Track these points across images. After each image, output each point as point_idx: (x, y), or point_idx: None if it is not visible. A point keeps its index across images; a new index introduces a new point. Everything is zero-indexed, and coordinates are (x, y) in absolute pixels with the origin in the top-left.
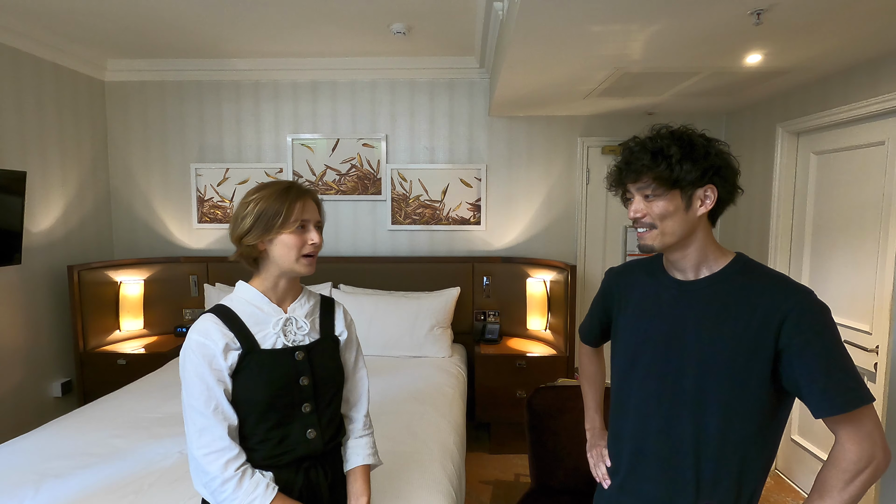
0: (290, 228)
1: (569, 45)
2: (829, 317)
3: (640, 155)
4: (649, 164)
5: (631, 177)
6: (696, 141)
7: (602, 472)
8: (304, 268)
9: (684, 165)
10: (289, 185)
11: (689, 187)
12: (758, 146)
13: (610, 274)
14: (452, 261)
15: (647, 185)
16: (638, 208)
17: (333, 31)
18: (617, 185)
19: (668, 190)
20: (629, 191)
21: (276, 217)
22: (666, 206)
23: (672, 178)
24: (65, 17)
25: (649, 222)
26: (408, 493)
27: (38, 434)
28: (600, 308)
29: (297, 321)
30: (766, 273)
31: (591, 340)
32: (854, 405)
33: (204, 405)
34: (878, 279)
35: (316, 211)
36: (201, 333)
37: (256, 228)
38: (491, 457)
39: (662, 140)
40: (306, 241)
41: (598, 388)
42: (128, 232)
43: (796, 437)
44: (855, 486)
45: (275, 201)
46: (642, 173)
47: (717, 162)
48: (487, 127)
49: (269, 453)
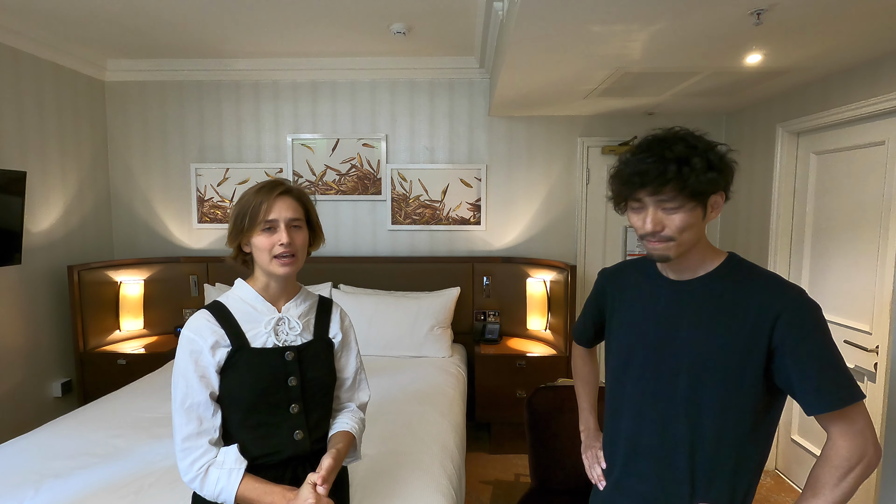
0: (256, 230)
1: (569, 45)
2: (821, 315)
3: (661, 165)
4: (674, 176)
5: (649, 188)
6: (711, 148)
7: (597, 474)
8: (276, 268)
9: (710, 175)
10: (262, 185)
11: (706, 197)
12: (758, 146)
13: (603, 274)
14: (452, 261)
15: (671, 198)
16: (656, 220)
17: (333, 31)
18: (623, 197)
19: (690, 201)
20: (640, 201)
21: (243, 219)
22: (687, 219)
23: (699, 189)
24: (65, 17)
25: (668, 235)
26: (408, 492)
27: (38, 434)
28: (593, 308)
29: (289, 321)
30: (758, 273)
31: (585, 341)
32: (846, 402)
33: (180, 402)
34: (878, 279)
35: (292, 209)
36: (192, 329)
37: (233, 229)
38: (491, 457)
39: (680, 148)
40: (274, 242)
41: (592, 388)
42: (128, 232)
43: (796, 437)
44: (847, 482)
45: (245, 203)
46: (665, 185)
47: (730, 168)
48: (487, 127)
49: (256, 453)
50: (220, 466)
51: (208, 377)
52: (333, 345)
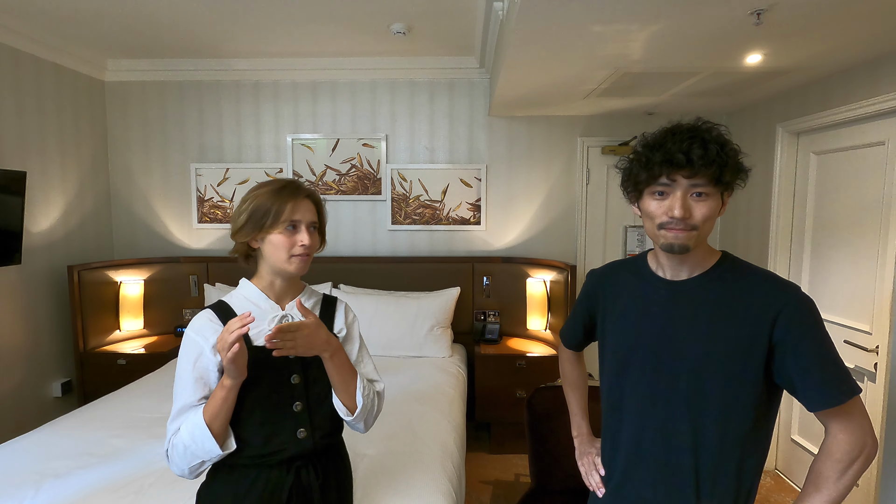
0: (279, 228)
1: (569, 45)
2: (817, 311)
3: (704, 147)
4: (717, 160)
5: (688, 169)
6: (730, 139)
7: (596, 481)
8: (293, 267)
9: (739, 166)
10: (285, 183)
11: (729, 189)
12: (758, 146)
13: (592, 276)
14: (452, 261)
15: (705, 183)
16: (686, 206)
17: (333, 31)
18: (659, 176)
19: (717, 190)
20: (671, 184)
21: (265, 216)
22: (713, 209)
23: (727, 179)
24: (65, 17)
25: (693, 223)
26: (408, 492)
27: (38, 434)
28: (583, 311)
29: (292, 318)
30: (753, 271)
31: (574, 344)
32: (848, 397)
33: (176, 402)
34: (878, 279)
35: (312, 211)
36: (195, 330)
37: (248, 226)
38: (491, 457)
39: (717, 134)
40: (296, 242)
41: (582, 392)
42: (128, 232)
43: (796, 437)
44: (849, 475)
45: (267, 200)
46: (703, 168)
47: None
48: (487, 127)
49: (258, 451)
50: (187, 422)
51: (206, 378)
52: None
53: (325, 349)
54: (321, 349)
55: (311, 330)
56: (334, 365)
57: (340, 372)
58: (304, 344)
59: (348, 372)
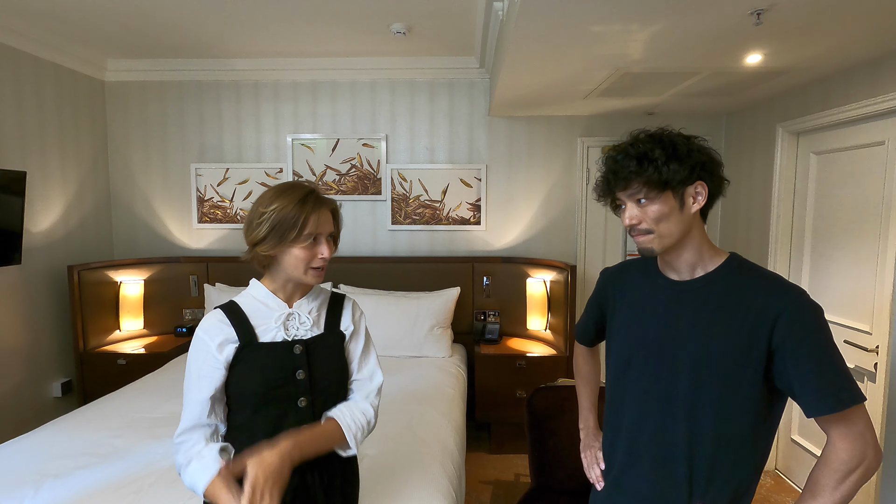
0: (303, 243)
1: (569, 45)
2: (822, 317)
3: (626, 162)
4: (637, 170)
5: (620, 185)
6: (676, 140)
7: (596, 475)
8: (312, 279)
9: (671, 165)
10: (307, 193)
11: (680, 186)
12: (758, 146)
13: (605, 274)
14: (452, 261)
15: (638, 191)
16: (633, 215)
17: (333, 31)
18: (605, 195)
19: (661, 192)
20: (619, 199)
21: (290, 231)
22: (661, 209)
23: (662, 179)
24: (65, 17)
25: (646, 228)
26: (408, 492)
27: (38, 434)
28: (595, 308)
29: (299, 316)
30: (759, 273)
31: (587, 340)
32: (846, 404)
33: (185, 399)
34: (878, 279)
35: (331, 222)
36: (203, 329)
37: (271, 238)
38: (491, 457)
39: (644, 144)
40: (316, 254)
41: (593, 387)
42: (128, 232)
43: (796, 437)
44: (847, 485)
45: (291, 212)
46: (631, 180)
47: (701, 157)
48: (487, 127)
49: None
50: (200, 459)
51: (213, 376)
52: (345, 337)
53: (290, 465)
54: (287, 469)
55: (267, 477)
56: (312, 451)
57: (320, 447)
58: (276, 483)
59: (325, 441)
